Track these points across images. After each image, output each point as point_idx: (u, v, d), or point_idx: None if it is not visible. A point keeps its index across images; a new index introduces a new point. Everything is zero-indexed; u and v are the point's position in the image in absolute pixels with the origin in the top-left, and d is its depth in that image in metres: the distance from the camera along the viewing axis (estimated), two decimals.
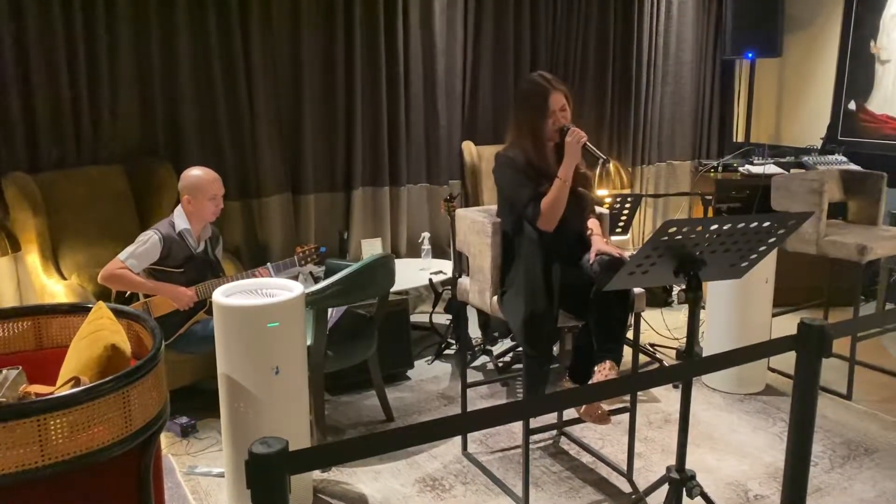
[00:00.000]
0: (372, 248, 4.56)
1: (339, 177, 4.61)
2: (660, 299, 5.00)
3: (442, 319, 4.57)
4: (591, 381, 2.56)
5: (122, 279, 3.09)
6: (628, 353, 2.85)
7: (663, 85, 5.86)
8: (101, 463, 1.70)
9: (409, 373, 3.93)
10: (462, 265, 3.15)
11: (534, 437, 3.19)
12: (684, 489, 2.29)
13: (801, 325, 1.79)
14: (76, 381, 1.87)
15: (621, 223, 4.15)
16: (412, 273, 4.25)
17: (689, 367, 2.16)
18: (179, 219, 3.24)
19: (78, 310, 2.27)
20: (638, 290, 2.65)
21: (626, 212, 4.14)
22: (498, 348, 4.21)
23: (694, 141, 6.15)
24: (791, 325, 1.95)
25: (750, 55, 5.56)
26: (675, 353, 4.14)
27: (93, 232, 3.62)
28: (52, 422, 1.61)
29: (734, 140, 6.21)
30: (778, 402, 3.61)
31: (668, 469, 2.33)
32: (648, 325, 4.50)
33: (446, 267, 4.33)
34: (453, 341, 4.22)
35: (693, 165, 5.92)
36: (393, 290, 3.45)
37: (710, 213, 3.96)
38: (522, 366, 2.68)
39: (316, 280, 3.84)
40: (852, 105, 5.43)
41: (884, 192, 3.91)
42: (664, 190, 5.94)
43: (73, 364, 1.94)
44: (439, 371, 3.99)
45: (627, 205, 4.13)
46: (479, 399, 3.63)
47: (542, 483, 2.92)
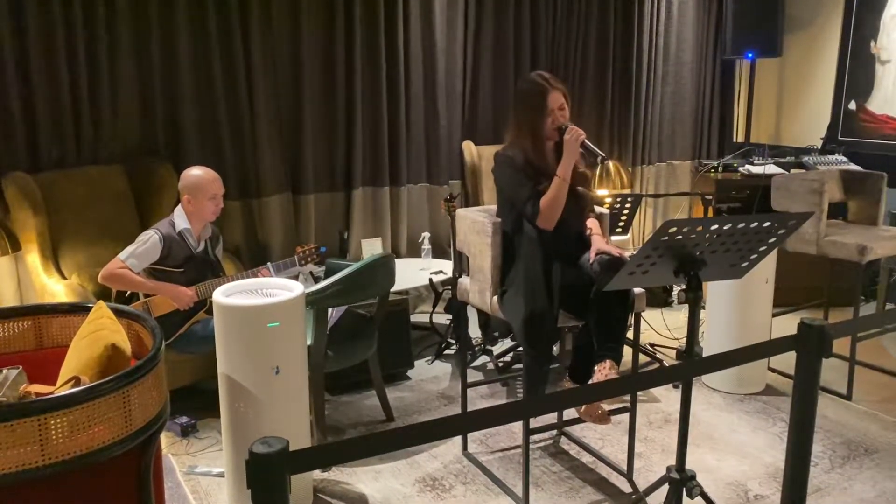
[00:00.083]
0: (372, 248, 4.56)
1: (340, 176, 4.61)
2: (660, 299, 5.01)
3: (442, 319, 4.56)
4: (591, 381, 2.57)
5: (122, 279, 3.09)
6: (628, 353, 2.85)
7: (663, 85, 5.86)
8: (101, 463, 1.70)
9: (409, 373, 3.93)
10: (462, 265, 3.15)
11: (534, 437, 3.19)
12: (684, 489, 2.29)
13: (801, 325, 1.79)
14: (76, 380, 1.87)
15: (621, 223, 4.15)
16: (412, 273, 4.25)
17: (689, 367, 2.16)
18: (179, 218, 3.24)
19: (78, 309, 2.27)
20: (638, 290, 2.65)
21: (626, 212, 4.13)
22: (498, 348, 4.21)
23: (694, 141, 6.15)
24: (791, 325, 1.95)
25: (750, 55, 5.56)
26: (675, 353, 4.14)
27: (93, 232, 3.62)
28: (53, 421, 1.61)
29: (734, 140, 6.21)
30: (778, 402, 3.61)
31: (668, 469, 2.33)
32: (648, 325, 4.50)
33: (446, 267, 4.33)
34: (453, 341, 4.22)
35: (693, 165, 5.92)
36: (393, 289, 3.45)
37: (711, 214, 3.96)
38: (522, 366, 2.68)
39: (316, 280, 3.84)
40: (852, 105, 5.43)
41: (884, 193, 3.91)
42: (664, 190, 5.94)
43: (74, 364, 1.94)
44: (439, 371, 3.99)
45: (627, 205, 4.13)
46: (479, 399, 3.63)
47: (542, 483, 2.92)
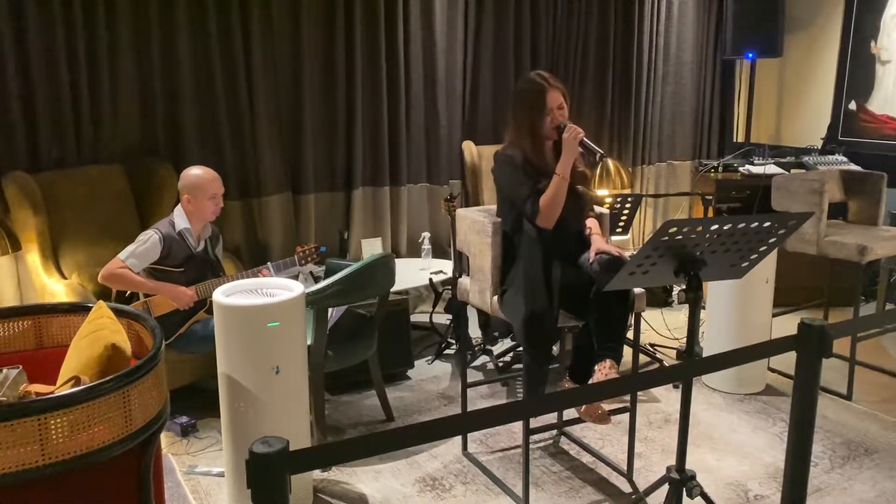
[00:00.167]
0: (372, 248, 4.56)
1: (340, 176, 4.61)
2: (660, 299, 5.00)
3: (442, 319, 4.56)
4: (591, 381, 2.57)
5: (122, 279, 3.09)
6: (628, 353, 2.85)
7: (664, 85, 5.86)
8: (101, 462, 1.70)
9: (409, 373, 3.93)
10: (462, 265, 3.15)
11: (534, 437, 3.19)
12: (684, 489, 2.29)
13: (802, 325, 1.79)
14: (76, 380, 1.87)
15: (621, 223, 4.15)
16: (412, 273, 4.25)
17: (689, 367, 2.16)
18: (179, 218, 3.24)
19: (78, 309, 2.28)
20: (638, 289, 2.65)
21: (626, 212, 4.13)
22: (498, 348, 4.21)
23: (694, 141, 6.15)
24: (791, 325, 1.95)
25: (750, 55, 5.56)
26: (676, 353, 4.14)
27: (93, 231, 3.62)
28: (53, 421, 1.61)
29: (734, 140, 6.21)
30: (778, 402, 3.61)
31: (669, 469, 2.33)
32: (648, 325, 4.50)
33: (446, 267, 4.33)
34: (453, 341, 4.22)
35: (693, 165, 5.92)
36: (393, 289, 3.45)
37: (711, 214, 3.96)
38: (522, 366, 2.68)
39: (316, 280, 3.84)
40: (853, 105, 5.43)
41: (884, 193, 3.91)
42: (664, 190, 5.94)
43: (74, 363, 1.94)
44: (439, 371, 3.99)
45: (628, 205, 4.13)
46: (479, 399, 3.63)
47: (542, 483, 2.92)
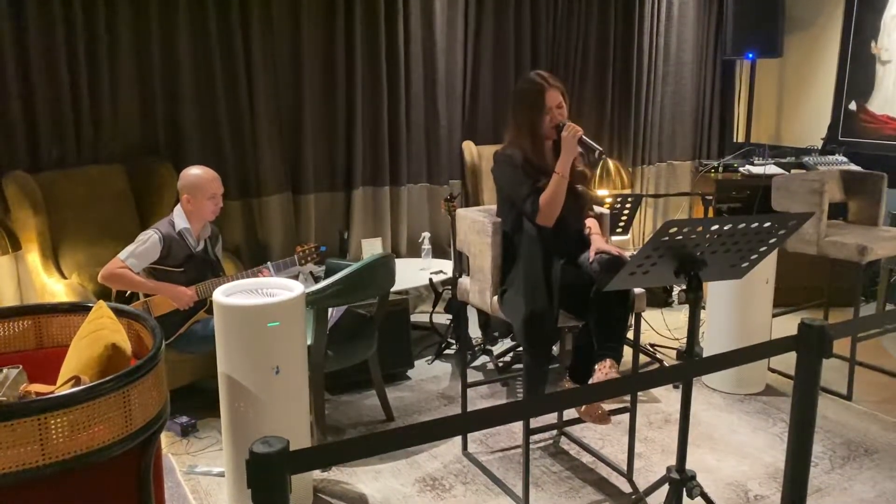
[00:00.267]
0: (372, 248, 4.56)
1: (340, 176, 4.61)
2: (660, 299, 5.00)
3: (442, 319, 4.56)
4: (591, 380, 2.56)
5: (122, 279, 3.09)
6: (628, 353, 2.85)
7: (664, 85, 5.86)
8: (101, 462, 1.70)
9: (409, 373, 3.93)
10: (462, 265, 3.15)
11: (534, 437, 3.18)
12: (684, 489, 2.29)
13: (802, 325, 1.79)
14: (76, 380, 1.87)
15: (622, 223, 4.15)
16: (412, 273, 4.25)
17: (689, 367, 2.16)
18: (179, 218, 3.24)
19: (78, 309, 2.27)
20: (638, 290, 2.65)
21: (626, 212, 4.13)
22: (498, 348, 4.21)
23: (694, 141, 6.15)
24: (791, 325, 1.95)
25: (750, 55, 5.55)
26: (676, 353, 4.14)
27: (93, 231, 3.62)
28: (53, 421, 1.61)
29: (735, 140, 6.21)
30: (778, 402, 3.61)
31: (669, 469, 2.33)
32: (649, 325, 4.49)
33: (446, 267, 4.33)
34: (453, 341, 4.22)
35: (693, 165, 5.92)
36: (393, 289, 3.45)
37: (711, 214, 3.95)
38: (522, 366, 2.68)
39: (316, 280, 3.84)
40: (853, 105, 5.43)
41: (884, 193, 3.91)
42: (664, 190, 5.94)
43: (74, 363, 1.94)
44: (439, 371, 3.99)
45: (628, 205, 4.12)
46: (479, 399, 3.63)
47: (542, 483, 2.91)
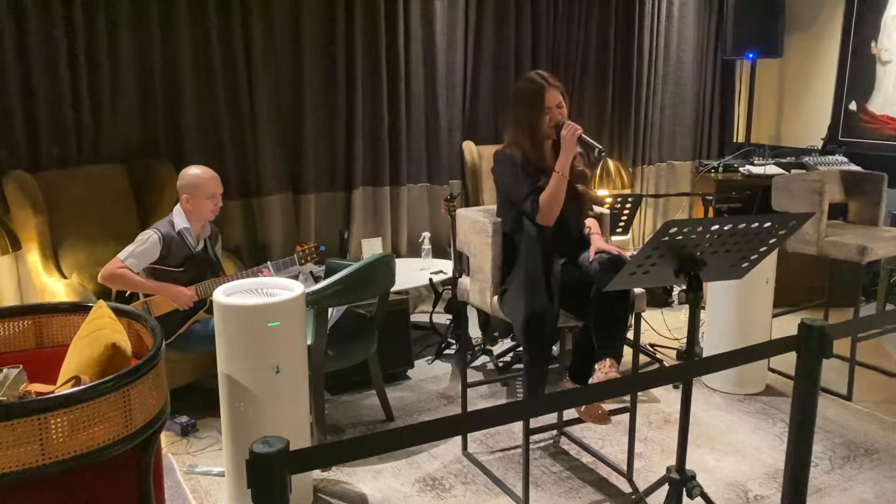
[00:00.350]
0: (372, 248, 4.56)
1: (340, 176, 4.61)
2: (660, 299, 5.00)
3: (442, 319, 4.56)
4: (591, 379, 2.57)
5: (122, 279, 3.09)
6: (628, 353, 2.85)
7: (664, 85, 5.86)
8: (101, 462, 1.70)
9: (409, 372, 3.93)
10: (462, 265, 3.15)
11: (534, 437, 3.18)
12: (684, 489, 2.29)
13: (802, 325, 1.79)
14: (77, 380, 1.87)
15: (622, 223, 4.15)
16: (412, 273, 4.25)
17: (689, 367, 2.16)
18: (178, 218, 3.23)
19: (78, 309, 2.28)
20: (638, 290, 2.65)
21: (626, 212, 4.13)
22: (498, 348, 4.21)
23: (694, 141, 6.15)
24: (791, 325, 1.95)
25: (751, 55, 5.55)
26: (676, 353, 4.14)
27: (93, 231, 3.62)
28: (53, 421, 1.61)
29: (735, 140, 6.21)
30: (778, 402, 3.61)
31: (668, 469, 2.33)
32: (649, 325, 4.49)
33: (446, 267, 4.33)
34: (453, 341, 4.22)
35: (694, 166, 5.92)
36: (393, 289, 3.45)
37: (711, 214, 3.95)
38: (522, 366, 2.68)
39: (316, 279, 3.84)
40: (853, 106, 5.43)
41: (884, 193, 3.91)
42: (664, 190, 5.94)
43: (74, 363, 1.94)
44: (439, 371, 3.99)
45: (628, 205, 4.12)
46: (479, 399, 3.63)
47: (542, 483, 2.91)
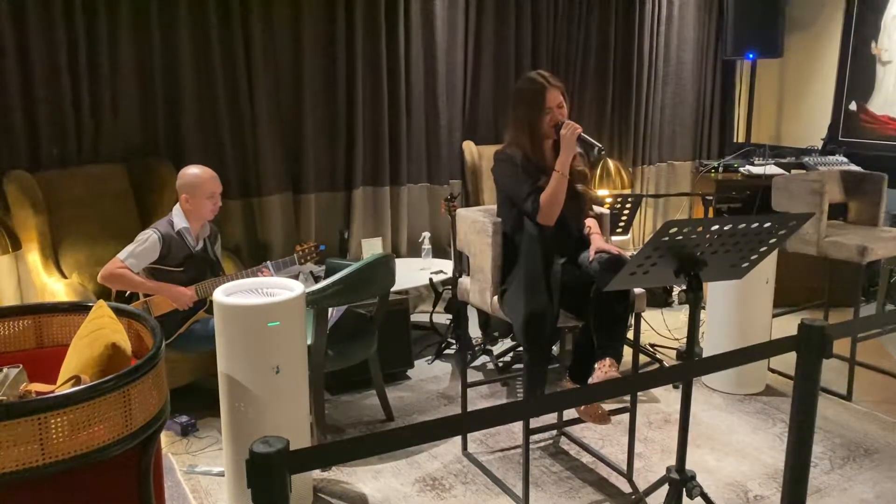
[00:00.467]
0: (372, 248, 4.56)
1: (340, 176, 4.61)
2: (660, 299, 5.00)
3: (442, 319, 4.56)
4: (591, 379, 2.57)
5: (121, 279, 3.09)
6: (628, 353, 2.85)
7: (664, 85, 5.86)
8: (101, 462, 1.70)
9: (409, 372, 3.93)
10: (462, 265, 3.15)
11: (534, 437, 3.18)
12: (684, 489, 2.29)
13: (802, 325, 1.79)
14: (77, 379, 1.87)
15: (622, 223, 4.15)
16: (412, 273, 4.25)
17: (689, 367, 2.16)
18: (178, 217, 3.23)
19: (78, 308, 2.27)
20: (638, 290, 2.65)
21: (626, 212, 4.13)
22: (498, 348, 4.21)
23: (694, 141, 6.15)
24: (791, 325, 1.95)
25: (751, 55, 5.56)
26: (676, 353, 4.14)
27: (94, 230, 3.62)
28: (53, 420, 1.61)
29: (735, 140, 6.21)
30: (778, 402, 3.61)
31: (668, 469, 2.33)
32: (649, 325, 4.49)
33: (447, 266, 4.33)
34: (453, 341, 4.22)
35: (694, 166, 5.92)
36: (393, 289, 3.45)
37: (711, 214, 3.95)
38: (522, 366, 2.68)
39: (316, 279, 3.84)
40: (853, 106, 5.43)
41: (884, 193, 3.91)
42: (665, 190, 5.94)
43: (74, 363, 1.94)
44: (439, 371, 3.99)
45: (628, 205, 4.12)
46: (479, 399, 3.63)
47: (542, 483, 2.92)
